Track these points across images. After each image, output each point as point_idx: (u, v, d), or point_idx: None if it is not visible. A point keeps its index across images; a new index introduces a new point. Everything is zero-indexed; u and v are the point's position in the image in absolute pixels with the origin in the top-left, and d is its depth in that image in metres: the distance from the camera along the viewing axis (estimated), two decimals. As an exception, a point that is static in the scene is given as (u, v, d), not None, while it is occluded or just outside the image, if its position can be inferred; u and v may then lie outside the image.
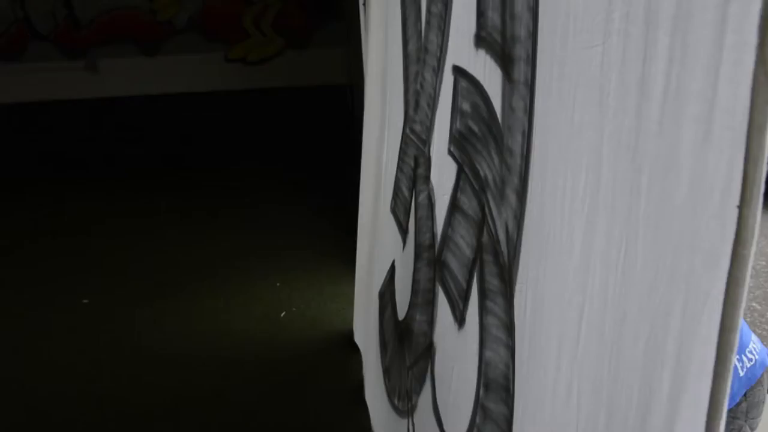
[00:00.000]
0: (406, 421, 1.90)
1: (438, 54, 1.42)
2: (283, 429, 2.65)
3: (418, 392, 1.72)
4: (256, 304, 3.71)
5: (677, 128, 0.61)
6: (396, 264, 2.14)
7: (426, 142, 1.58)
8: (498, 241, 1.04)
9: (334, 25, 5.93)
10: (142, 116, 6.17)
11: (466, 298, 1.24)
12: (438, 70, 1.43)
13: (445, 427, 1.48)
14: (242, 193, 5.51)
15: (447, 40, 1.36)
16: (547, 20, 0.85)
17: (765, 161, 0.50)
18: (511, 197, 1.00)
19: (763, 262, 4.03)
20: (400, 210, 2.04)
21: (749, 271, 0.51)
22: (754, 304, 3.52)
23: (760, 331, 3.29)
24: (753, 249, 0.51)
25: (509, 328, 1.01)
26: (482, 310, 1.13)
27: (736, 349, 0.53)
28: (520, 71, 0.96)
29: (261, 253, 4.35)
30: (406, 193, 1.91)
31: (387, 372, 2.25)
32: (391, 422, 2.13)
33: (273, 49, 6.29)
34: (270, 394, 2.85)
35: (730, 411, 1.49)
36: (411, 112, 1.85)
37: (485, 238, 1.11)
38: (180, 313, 3.59)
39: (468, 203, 1.21)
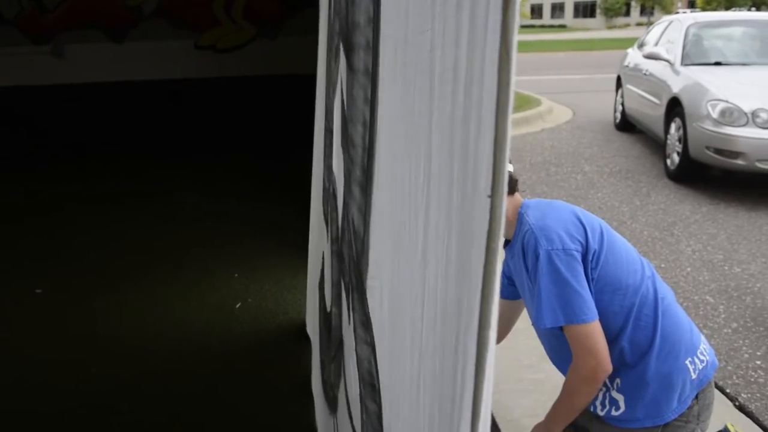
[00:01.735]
0: (333, 417, 1.87)
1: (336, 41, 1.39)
2: (228, 421, 2.63)
3: (337, 386, 1.70)
4: (213, 294, 3.67)
5: (468, 114, 0.59)
6: (325, 255, 2.10)
7: (332, 131, 1.55)
8: (352, 235, 1.01)
9: (305, 13, 5.87)
10: (108, 103, 6.09)
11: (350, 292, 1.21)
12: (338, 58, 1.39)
13: (353, 423, 1.46)
14: (207, 182, 5.46)
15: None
16: (389, 5, 0.82)
17: (508, 145, 0.47)
18: (356, 191, 0.97)
19: (720, 256, 4.02)
20: (324, 201, 2.01)
21: (499, 267, 0.49)
22: (707, 297, 3.50)
23: (712, 324, 3.28)
24: (501, 242, 0.48)
25: (366, 324, 0.98)
26: (350, 305, 1.11)
27: (491, 346, 0.50)
28: (360, 59, 0.92)
29: (221, 243, 4.31)
30: (326, 184, 1.88)
31: (323, 364, 2.22)
32: (325, 416, 2.11)
33: (244, 37, 6.23)
34: (218, 387, 2.82)
35: (682, 415, 1.42)
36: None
37: (344, 232, 1.08)
38: (135, 302, 3.55)
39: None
